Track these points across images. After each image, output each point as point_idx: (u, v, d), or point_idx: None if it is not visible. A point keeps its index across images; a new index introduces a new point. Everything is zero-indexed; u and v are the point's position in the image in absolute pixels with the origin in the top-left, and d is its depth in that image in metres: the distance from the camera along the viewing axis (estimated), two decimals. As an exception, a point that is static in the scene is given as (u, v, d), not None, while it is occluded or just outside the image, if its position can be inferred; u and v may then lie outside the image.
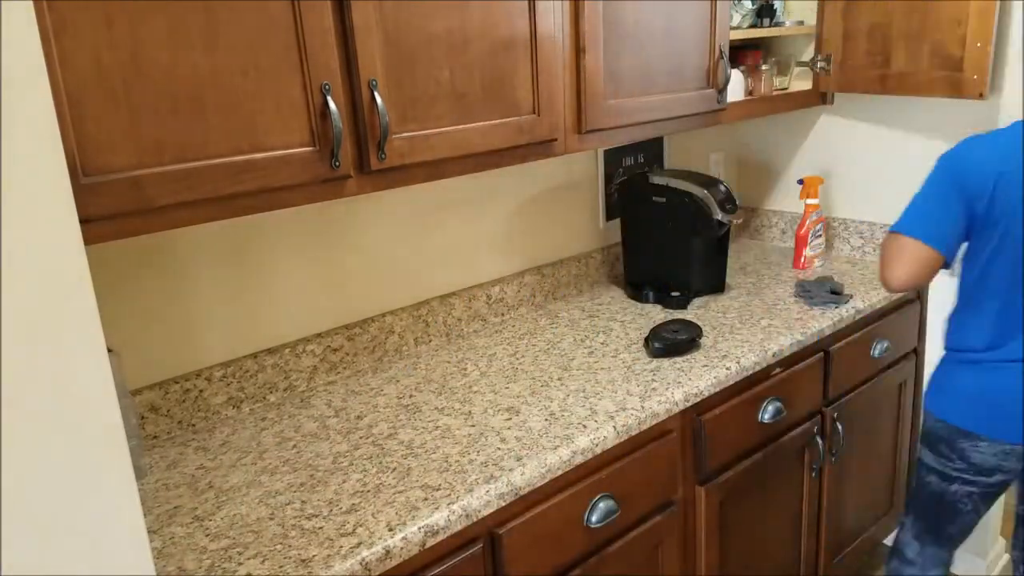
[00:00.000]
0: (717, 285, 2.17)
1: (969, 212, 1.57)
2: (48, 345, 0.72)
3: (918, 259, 1.60)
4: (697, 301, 2.12)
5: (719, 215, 2.02)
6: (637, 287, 2.18)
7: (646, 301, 2.14)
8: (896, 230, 1.63)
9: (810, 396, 1.98)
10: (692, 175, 2.13)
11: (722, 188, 2.07)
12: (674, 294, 2.10)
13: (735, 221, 2.08)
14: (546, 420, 1.52)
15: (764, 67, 2.24)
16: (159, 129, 1.12)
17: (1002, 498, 2.43)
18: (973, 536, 2.41)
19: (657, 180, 2.13)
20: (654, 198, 2.11)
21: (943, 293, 2.29)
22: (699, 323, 1.91)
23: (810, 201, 2.38)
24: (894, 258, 1.63)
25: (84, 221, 0.76)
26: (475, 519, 1.29)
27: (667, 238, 2.10)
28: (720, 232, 2.08)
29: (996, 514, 2.43)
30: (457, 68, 1.44)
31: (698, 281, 2.13)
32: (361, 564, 1.15)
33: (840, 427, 2.07)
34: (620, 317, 2.05)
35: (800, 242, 2.37)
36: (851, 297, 2.07)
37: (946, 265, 1.63)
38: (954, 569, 2.47)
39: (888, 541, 2.56)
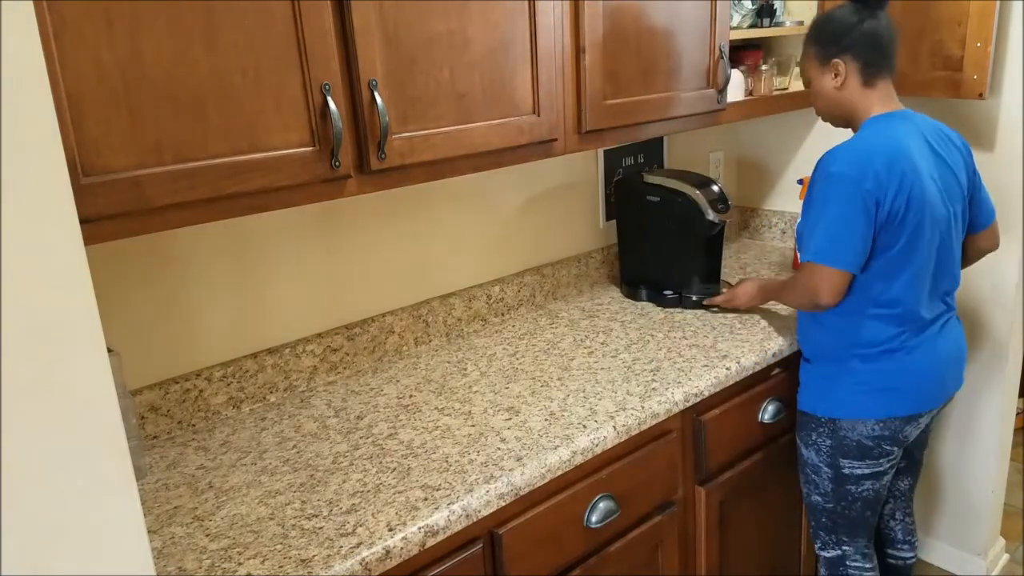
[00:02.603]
0: (712, 285, 2.16)
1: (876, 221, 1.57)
2: (48, 345, 0.72)
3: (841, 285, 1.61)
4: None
5: (711, 215, 2.02)
6: (632, 285, 2.19)
7: (640, 299, 2.15)
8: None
9: (810, 396, 1.98)
10: (686, 175, 2.13)
11: (715, 188, 2.07)
12: (667, 293, 2.11)
13: (727, 221, 2.08)
14: (546, 420, 1.52)
15: (764, 67, 2.24)
16: (159, 129, 1.12)
17: (1002, 497, 2.43)
18: (973, 536, 2.42)
19: (651, 179, 2.13)
20: (648, 197, 2.11)
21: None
22: (699, 323, 1.91)
23: None
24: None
25: (84, 221, 0.76)
26: (475, 519, 1.29)
27: (661, 237, 2.10)
28: (712, 232, 2.08)
29: (996, 514, 2.44)
30: (457, 68, 1.44)
31: (692, 280, 2.12)
32: (361, 564, 1.15)
33: (840, 427, 2.07)
34: (620, 317, 2.05)
35: (800, 242, 2.37)
36: None
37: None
38: (954, 569, 2.48)
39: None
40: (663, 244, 2.11)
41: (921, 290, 1.65)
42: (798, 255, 1.76)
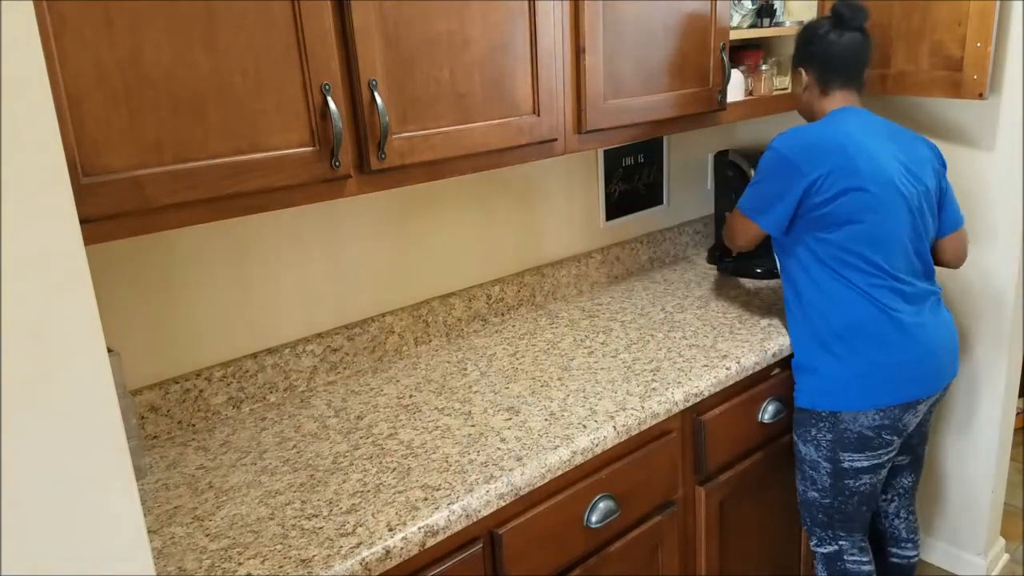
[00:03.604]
0: (762, 260, 2.25)
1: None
2: (48, 345, 0.72)
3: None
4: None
5: None
6: (711, 250, 2.49)
7: (712, 262, 2.45)
8: None
9: (810, 396, 1.98)
10: (760, 154, 2.28)
11: None
12: (727, 260, 2.37)
13: None
14: (546, 420, 1.52)
15: (764, 67, 2.24)
16: (159, 129, 1.12)
17: (1002, 497, 2.43)
18: (973, 536, 2.42)
19: (732, 157, 2.39)
20: (728, 173, 2.39)
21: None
22: (699, 323, 1.91)
23: None
24: None
25: (84, 221, 0.76)
26: (475, 519, 1.29)
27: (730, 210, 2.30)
28: None
29: (996, 514, 2.44)
30: (457, 68, 1.44)
31: (753, 253, 2.22)
32: (361, 564, 1.15)
33: (840, 427, 2.07)
34: (620, 317, 2.05)
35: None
36: None
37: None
38: (954, 569, 2.48)
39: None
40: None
41: (902, 260, 1.71)
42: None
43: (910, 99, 2.21)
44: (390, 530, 1.20)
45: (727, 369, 1.71)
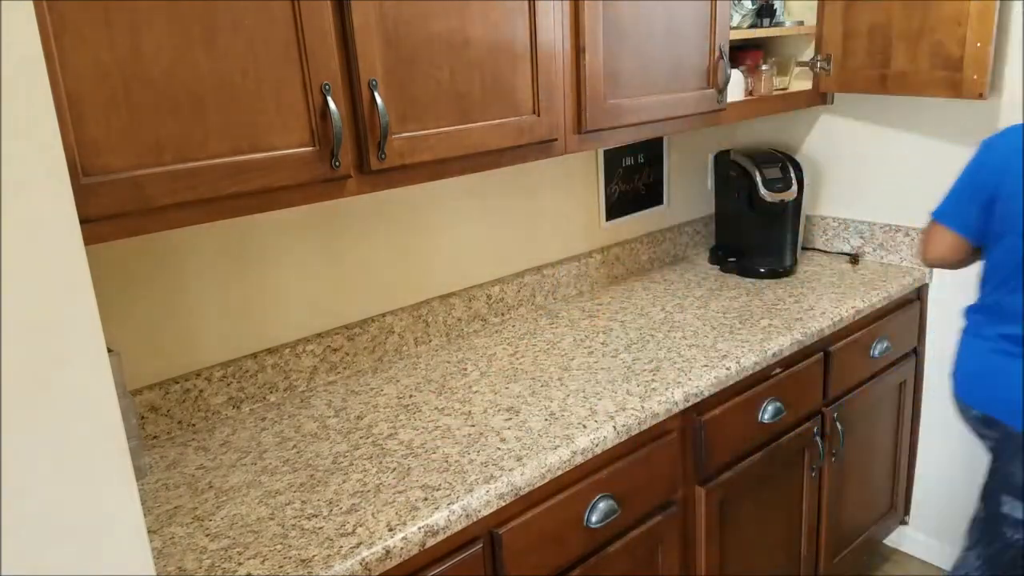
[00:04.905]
0: (777, 260, 2.30)
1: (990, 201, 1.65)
2: (48, 345, 0.72)
3: (949, 245, 1.74)
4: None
5: (764, 193, 2.21)
6: (713, 251, 2.48)
7: (714, 263, 2.43)
8: (933, 217, 1.76)
9: (810, 396, 1.99)
10: (760, 153, 2.32)
11: (779, 167, 2.24)
12: (730, 259, 2.37)
13: (788, 200, 2.25)
14: (546, 420, 1.52)
15: (764, 67, 2.24)
16: (159, 129, 1.12)
17: (1002, 498, 2.43)
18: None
19: (734, 156, 2.37)
20: (730, 173, 2.37)
21: (944, 291, 2.30)
22: (699, 323, 1.91)
23: None
24: (930, 241, 1.78)
25: (84, 221, 0.76)
26: (475, 519, 1.29)
27: (733, 210, 2.36)
28: (772, 210, 2.25)
29: (996, 514, 2.43)
30: (457, 68, 1.44)
31: (755, 252, 2.30)
32: (361, 564, 1.15)
33: (840, 427, 2.08)
34: (620, 317, 2.05)
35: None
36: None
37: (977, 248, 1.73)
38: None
39: (888, 541, 2.56)
40: (734, 217, 2.40)
41: None
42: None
43: (910, 99, 2.21)
44: (390, 530, 1.20)
45: (727, 369, 1.71)
